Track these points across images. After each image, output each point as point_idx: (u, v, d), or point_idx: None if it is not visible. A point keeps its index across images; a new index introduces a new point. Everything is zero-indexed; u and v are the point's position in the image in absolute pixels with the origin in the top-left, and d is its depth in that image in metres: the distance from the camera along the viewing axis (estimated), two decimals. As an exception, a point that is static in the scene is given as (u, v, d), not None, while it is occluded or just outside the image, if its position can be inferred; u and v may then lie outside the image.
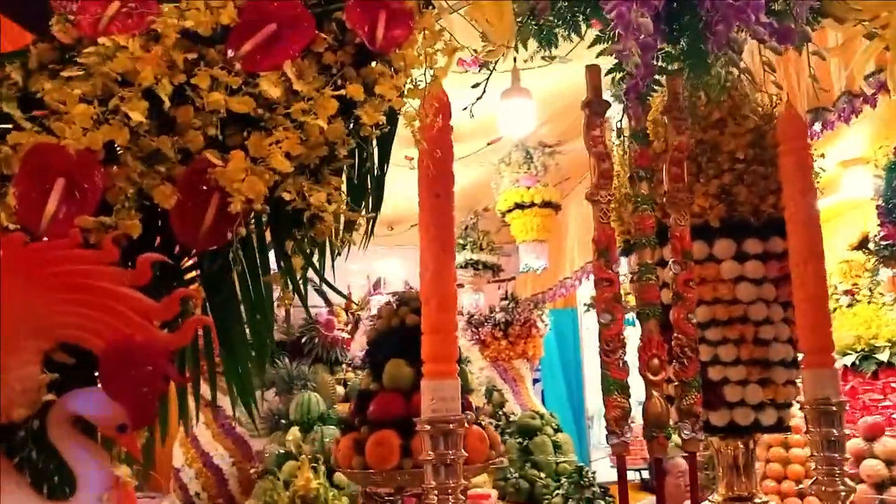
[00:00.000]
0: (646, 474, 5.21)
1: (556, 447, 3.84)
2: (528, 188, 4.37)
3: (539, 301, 6.25)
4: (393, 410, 1.57)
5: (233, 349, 0.91)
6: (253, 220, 0.93)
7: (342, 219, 1.01)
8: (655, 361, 1.50)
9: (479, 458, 1.59)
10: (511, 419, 4.33)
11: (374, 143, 1.08)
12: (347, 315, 6.24)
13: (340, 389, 5.47)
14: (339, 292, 1.20)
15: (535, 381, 6.84)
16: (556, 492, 3.33)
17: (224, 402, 5.27)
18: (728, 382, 1.79)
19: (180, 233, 0.89)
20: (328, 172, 0.99)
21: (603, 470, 5.82)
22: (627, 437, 1.45)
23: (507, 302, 6.09)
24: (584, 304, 5.97)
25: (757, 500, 1.83)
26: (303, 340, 5.28)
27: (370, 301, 6.10)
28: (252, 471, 4.39)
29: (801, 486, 3.45)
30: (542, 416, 4.19)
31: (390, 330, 1.67)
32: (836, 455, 1.51)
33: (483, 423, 1.67)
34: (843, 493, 1.48)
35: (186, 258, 0.92)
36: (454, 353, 1.37)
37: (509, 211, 4.44)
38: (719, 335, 1.79)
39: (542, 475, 3.65)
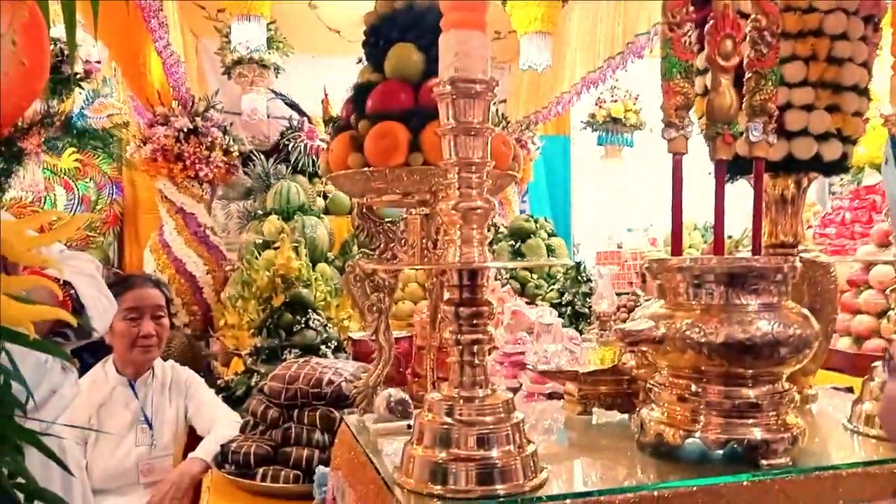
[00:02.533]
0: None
1: (550, 250, 3.67)
2: (534, -28, 3.89)
3: (531, 122, 5.94)
4: (399, 100, 1.27)
5: None
6: None
7: None
8: (728, 43, 1.21)
9: (503, 163, 1.33)
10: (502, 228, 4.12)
11: None
12: (326, 127, 5.89)
13: (320, 202, 5.23)
14: None
15: (521, 211, 6.66)
16: (552, 287, 3.18)
17: (196, 209, 5.02)
18: (791, 107, 1.52)
19: None
20: None
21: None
22: (687, 130, 1.19)
23: (498, 122, 5.76)
24: (581, 122, 5.63)
25: (801, 247, 1.62)
26: (285, 143, 4.92)
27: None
28: (228, 269, 4.17)
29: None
30: (535, 220, 3.99)
31: (394, 12, 1.34)
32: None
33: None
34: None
35: None
36: (485, 2, 1.07)
37: (511, -2, 3.97)
38: (787, 50, 1.50)
39: (535, 276, 3.50)
